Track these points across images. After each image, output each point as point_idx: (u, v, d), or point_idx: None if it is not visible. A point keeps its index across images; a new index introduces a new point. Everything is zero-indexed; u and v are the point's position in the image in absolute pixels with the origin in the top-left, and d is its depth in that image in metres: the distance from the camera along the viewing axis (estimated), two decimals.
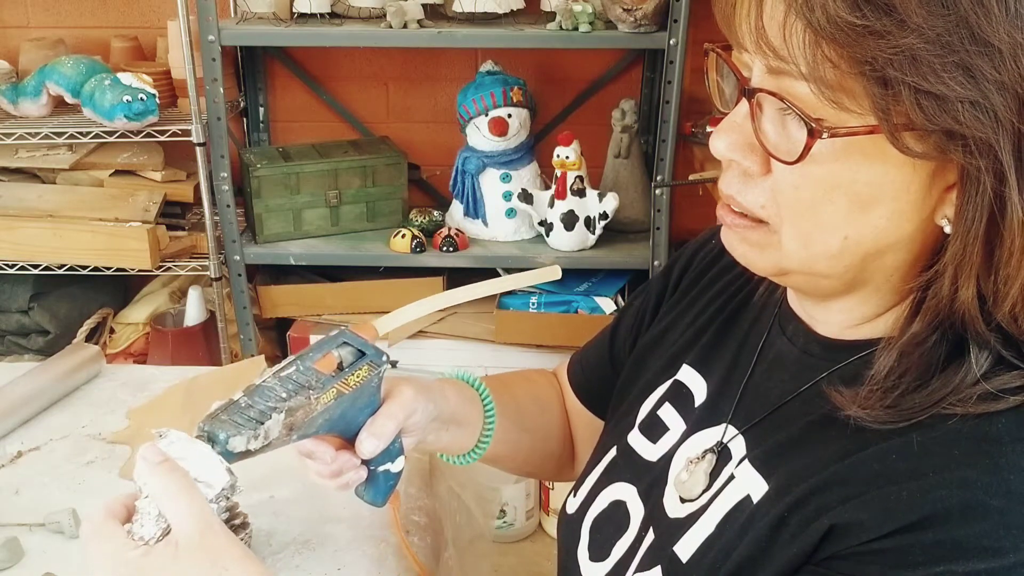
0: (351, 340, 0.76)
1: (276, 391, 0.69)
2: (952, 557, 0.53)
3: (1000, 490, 0.54)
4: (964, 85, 0.50)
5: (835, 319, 0.67)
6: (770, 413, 0.68)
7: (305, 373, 0.72)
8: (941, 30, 0.49)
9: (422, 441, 0.83)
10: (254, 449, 0.67)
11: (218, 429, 0.66)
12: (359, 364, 0.74)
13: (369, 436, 0.75)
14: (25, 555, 0.92)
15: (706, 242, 0.86)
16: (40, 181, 2.13)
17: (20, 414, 1.15)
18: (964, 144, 0.52)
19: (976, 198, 0.53)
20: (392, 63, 2.33)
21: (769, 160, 0.59)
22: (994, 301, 0.56)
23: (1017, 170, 0.52)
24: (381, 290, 2.18)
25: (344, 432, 0.75)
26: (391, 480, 0.80)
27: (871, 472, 0.58)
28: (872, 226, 0.57)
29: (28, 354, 2.17)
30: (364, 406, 0.76)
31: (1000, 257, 0.54)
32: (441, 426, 0.84)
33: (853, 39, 0.51)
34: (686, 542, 0.68)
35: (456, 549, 1.09)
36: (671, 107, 1.94)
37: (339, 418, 0.73)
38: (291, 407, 0.68)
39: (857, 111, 0.53)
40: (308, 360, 0.73)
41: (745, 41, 0.57)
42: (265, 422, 0.67)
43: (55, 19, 2.27)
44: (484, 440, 0.88)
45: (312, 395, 0.70)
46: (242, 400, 0.68)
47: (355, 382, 0.73)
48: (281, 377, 0.71)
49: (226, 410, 0.67)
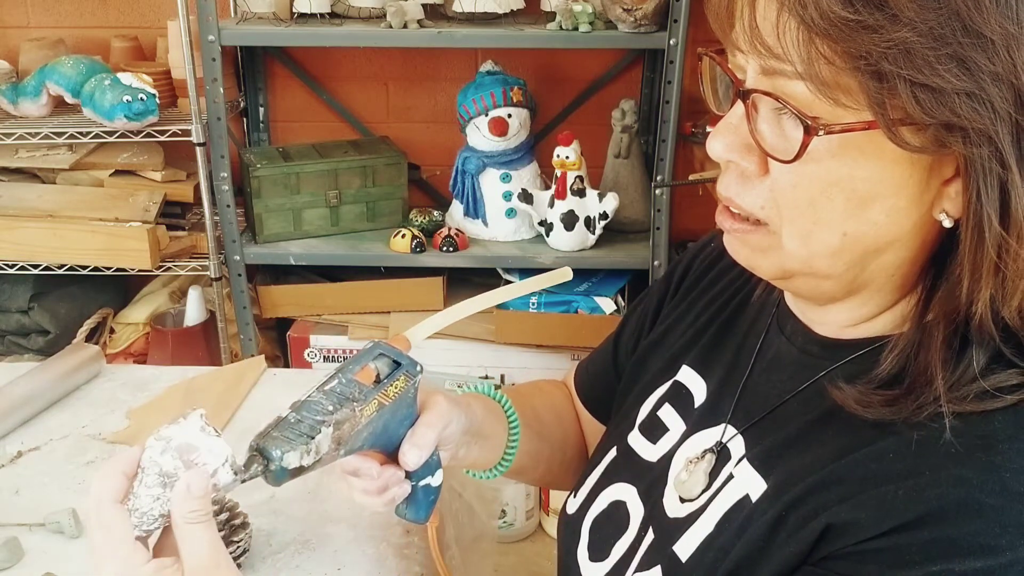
0: (386, 351, 0.75)
1: (323, 404, 0.69)
2: (948, 555, 0.53)
3: (996, 488, 0.54)
4: (959, 77, 0.50)
5: (833, 319, 0.67)
6: (769, 412, 0.69)
7: (348, 386, 0.71)
8: (933, 23, 0.50)
9: (454, 457, 0.82)
10: (307, 465, 0.66)
11: (271, 446, 0.65)
12: (396, 375, 0.74)
13: (412, 447, 0.74)
14: (25, 555, 0.92)
15: (706, 245, 0.86)
16: (40, 181, 2.13)
17: (20, 414, 1.16)
18: (964, 136, 0.52)
19: (986, 189, 0.53)
20: (392, 63, 2.33)
21: (767, 160, 0.59)
22: (1002, 297, 0.55)
23: (1018, 160, 0.52)
24: (381, 290, 2.18)
25: (386, 446, 0.75)
26: (432, 495, 0.79)
27: (868, 471, 0.58)
28: (871, 223, 0.57)
29: (28, 354, 2.17)
30: (404, 418, 0.75)
31: (1009, 250, 0.54)
32: (471, 440, 0.83)
33: (846, 34, 0.51)
34: (685, 542, 0.68)
35: (459, 549, 1.09)
36: (671, 107, 1.94)
37: (382, 431, 0.73)
38: (338, 420, 0.68)
39: (853, 107, 0.53)
40: (349, 373, 0.72)
41: (739, 42, 0.57)
42: (316, 436, 0.66)
43: (55, 19, 2.27)
44: (509, 453, 0.87)
45: (356, 407, 0.69)
46: (291, 416, 0.68)
47: (394, 393, 0.73)
48: (326, 391, 0.70)
49: (276, 427, 0.67)
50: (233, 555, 0.88)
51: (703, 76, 0.65)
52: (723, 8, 0.58)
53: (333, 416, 0.68)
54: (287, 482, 0.66)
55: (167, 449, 0.62)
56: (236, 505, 0.92)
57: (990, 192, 0.53)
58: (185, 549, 0.61)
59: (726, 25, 0.58)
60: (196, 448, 0.63)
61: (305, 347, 2.18)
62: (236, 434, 1.15)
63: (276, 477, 0.65)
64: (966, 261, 0.56)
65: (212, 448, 0.63)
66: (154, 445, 0.63)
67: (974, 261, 0.55)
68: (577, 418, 1.00)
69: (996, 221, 0.53)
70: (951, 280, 0.57)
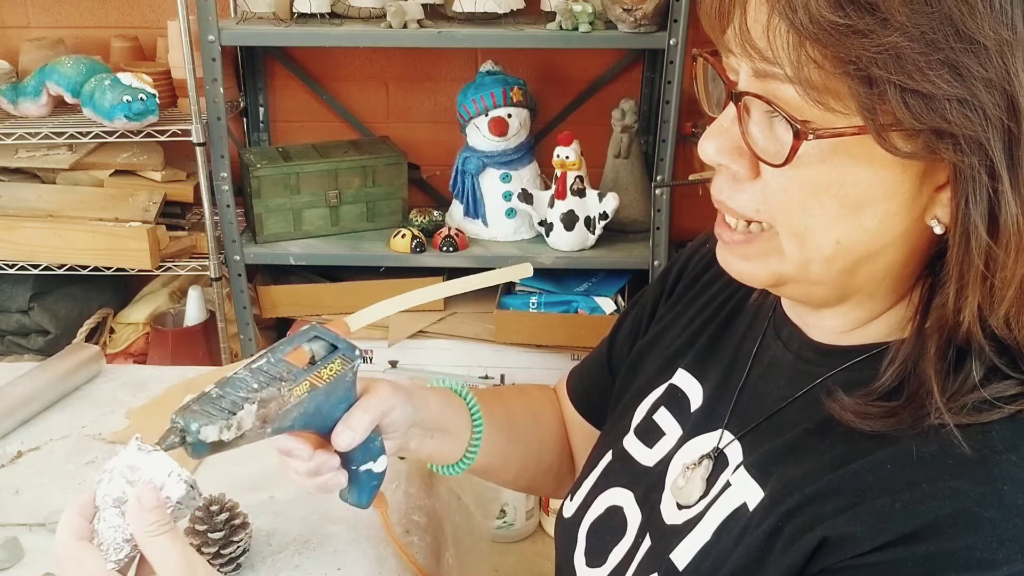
0: (323, 334, 0.76)
1: (248, 382, 0.69)
2: (945, 570, 0.53)
3: (993, 501, 0.53)
4: (951, 83, 0.50)
5: (829, 324, 0.67)
6: (766, 419, 0.68)
7: (276, 365, 0.71)
8: (925, 28, 0.49)
9: (404, 448, 0.83)
10: (227, 440, 0.67)
11: (190, 419, 0.66)
12: (331, 358, 0.74)
13: (344, 428, 0.74)
14: (25, 555, 0.92)
15: (701, 245, 0.86)
16: (40, 181, 2.13)
17: (20, 414, 1.15)
18: (955, 143, 0.51)
19: (974, 197, 0.52)
20: (392, 63, 2.33)
21: (758, 164, 0.58)
22: (989, 306, 0.55)
23: (1009, 168, 0.51)
24: (381, 290, 2.18)
25: (321, 428, 0.75)
26: (374, 480, 0.79)
27: (864, 483, 0.57)
28: (863, 228, 0.57)
29: (28, 354, 2.17)
30: (339, 401, 0.75)
31: (996, 259, 0.53)
32: (424, 433, 0.83)
33: (836, 39, 0.50)
34: (682, 549, 0.67)
35: (457, 549, 1.08)
36: (671, 107, 1.94)
37: (314, 412, 0.73)
38: (263, 398, 0.68)
39: (843, 112, 0.53)
40: (279, 353, 0.73)
41: (731, 44, 0.57)
42: (237, 412, 0.67)
43: (55, 19, 2.27)
44: (472, 450, 0.87)
45: (284, 387, 0.70)
46: (213, 391, 0.68)
47: (328, 375, 0.73)
48: (252, 369, 0.71)
49: (198, 401, 0.67)
50: (233, 555, 0.89)
51: (697, 77, 0.65)
52: (714, 11, 0.58)
53: (258, 394, 0.68)
54: (207, 456, 0.67)
55: (112, 478, 0.63)
56: (236, 505, 0.92)
57: (979, 200, 0.52)
58: (157, 564, 0.61)
59: (717, 28, 0.58)
60: (137, 467, 0.63)
61: None
62: None
63: (194, 449, 0.66)
64: (953, 269, 0.55)
65: (153, 463, 0.63)
66: (100, 480, 0.64)
67: (961, 269, 0.55)
68: (563, 424, 0.99)
69: (984, 230, 0.53)
70: (942, 290, 0.57)
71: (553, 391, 1.02)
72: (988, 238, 0.53)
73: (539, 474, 0.96)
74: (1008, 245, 0.53)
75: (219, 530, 0.88)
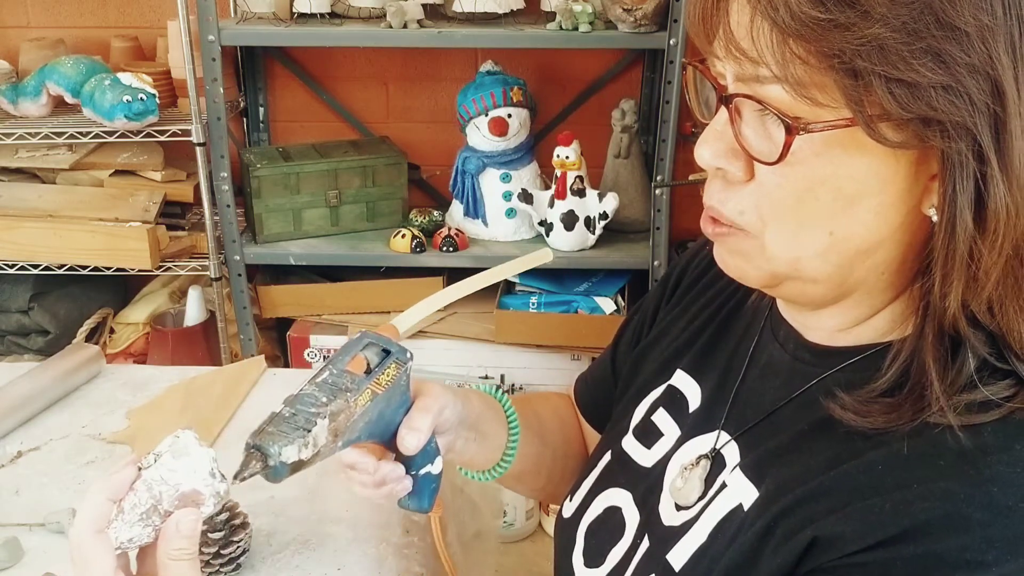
0: (375, 340, 0.76)
1: (316, 397, 0.68)
2: (934, 570, 0.53)
3: (983, 502, 0.53)
4: (934, 71, 0.50)
5: (825, 324, 0.67)
6: (762, 419, 0.68)
7: (339, 377, 0.71)
8: (906, 17, 0.50)
9: (451, 448, 0.82)
10: (306, 459, 0.66)
11: (268, 442, 0.64)
12: (386, 363, 0.74)
13: (409, 431, 0.74)
14: (25, 555, 0.93)
15: (700, 248, 0.86)
16: (40, 181, 2.13)
17: (20, 414, 1.16)
18: (942, 129, 0.52)
19: (961, 183, 0.53)
20: (392, 63, 2.33)
21: (753, 165, 0.59)
22: (973, 292, 0.55)
23: (997, 152, 0.52)
24: (381, 290, 2.18)
25: (383, 435, 0.75)
26: (433, 483, 0.79)
27: (856, 483, 0.57)
28: (859, 221, 0.57)
29: (28, 354, 2.17)
30: (398, 405, 0.75)
31: (982, 245, 0.53)
32: (468, 433, 0.83)
33: (819, 33, 0.51)
34: (679, 550, 0.67)
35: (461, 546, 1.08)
36: (671, 107, 1.94)
37: (377, 419, 0.73)
38: (333, 411, 0.68)
39: (831, 105, 0.53)
40: (339, 364, 0.72)
41: (717, 49, 0.57)
42: (312, 429, 0.66)
43: (55, 19, 2.27)
44: (509, 453, 0.86)
45: (350, 397, 0.69)
46: (285, 411, 0.67)
47: (386, 381, 0.73)
48: (318, 383, 0.70)
49: (271, 423, 0.66)
50: (233, 555, 0.89)
51: (687, 86, 0.65)
52: (699, 18, 0.58)
53: (328, 407, 0.68)
54: (287, 478, 0.66)
55: (160, 480, 0.60)
56: (236, 505, 0.92)
57: (966, 187, 0.53)
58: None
59: (703, 35, 0.59)
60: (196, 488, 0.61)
61: (305, 347, 2.18)
62: (236, 434, 1.15)
63: (275, 473, 0.65)
64: (939, 255, 0.55)
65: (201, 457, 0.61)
66: (150, 468, 0.61)
67: (946, 255, 0.55)
68: (580, 428, 0.99)
69: (970, 216, 0.53)
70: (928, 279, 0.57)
71: (569, 398, 1.02)
72: (973, 225, 0.53)
73: (564, 479, 0.96)
74: (994, 230, 0.53)
75: (219, 530, 0.88)
